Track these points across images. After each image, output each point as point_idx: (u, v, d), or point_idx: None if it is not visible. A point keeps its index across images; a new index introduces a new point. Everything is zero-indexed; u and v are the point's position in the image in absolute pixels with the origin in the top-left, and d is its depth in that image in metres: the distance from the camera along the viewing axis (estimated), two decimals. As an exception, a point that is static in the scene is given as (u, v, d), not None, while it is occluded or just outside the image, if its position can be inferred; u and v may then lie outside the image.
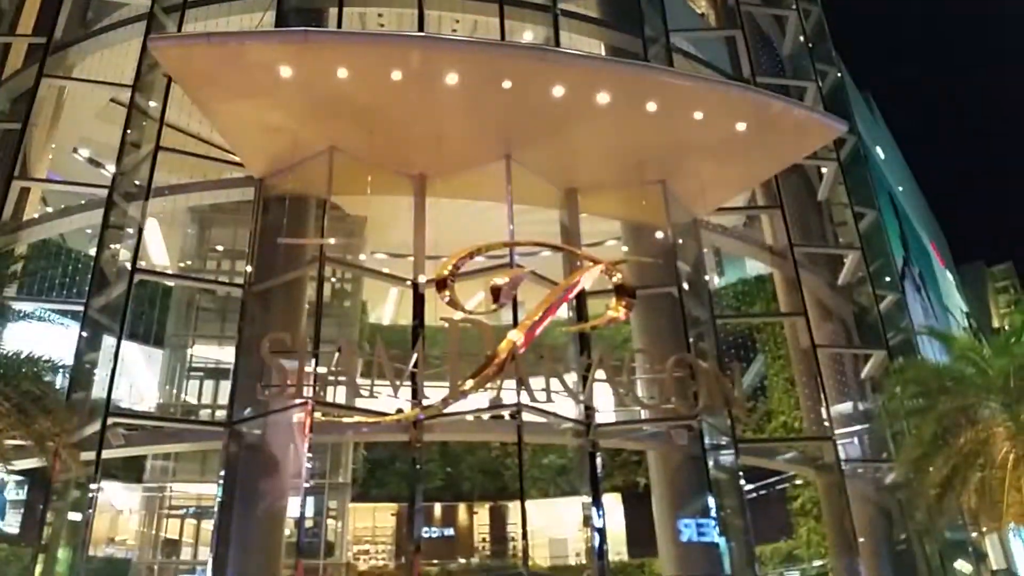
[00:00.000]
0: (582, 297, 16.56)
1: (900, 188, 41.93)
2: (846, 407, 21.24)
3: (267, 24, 18.87)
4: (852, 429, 20.93)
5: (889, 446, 20.14)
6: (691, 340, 17.71)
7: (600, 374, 13.27)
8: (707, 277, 19.80)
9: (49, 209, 20.89)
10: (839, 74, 25.91)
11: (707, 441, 16.89)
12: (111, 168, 18.94)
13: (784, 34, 25.61)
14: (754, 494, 20.88)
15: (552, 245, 16.73)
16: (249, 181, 18.41)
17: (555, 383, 12.70)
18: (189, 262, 22.49)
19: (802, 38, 25.16)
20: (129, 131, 18.55)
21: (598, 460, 16.47)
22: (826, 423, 19.13)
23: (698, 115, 16.00)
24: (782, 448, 19.78)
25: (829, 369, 20.80)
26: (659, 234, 18.44)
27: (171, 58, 15.49)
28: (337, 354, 13.00)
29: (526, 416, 15.52)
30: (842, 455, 18.92)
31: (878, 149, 38.48)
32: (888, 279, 23.79)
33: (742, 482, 17.76)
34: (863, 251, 22.42)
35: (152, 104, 18.97)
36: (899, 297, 23.48)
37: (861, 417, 21.21)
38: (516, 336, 12.58)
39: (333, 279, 21.78)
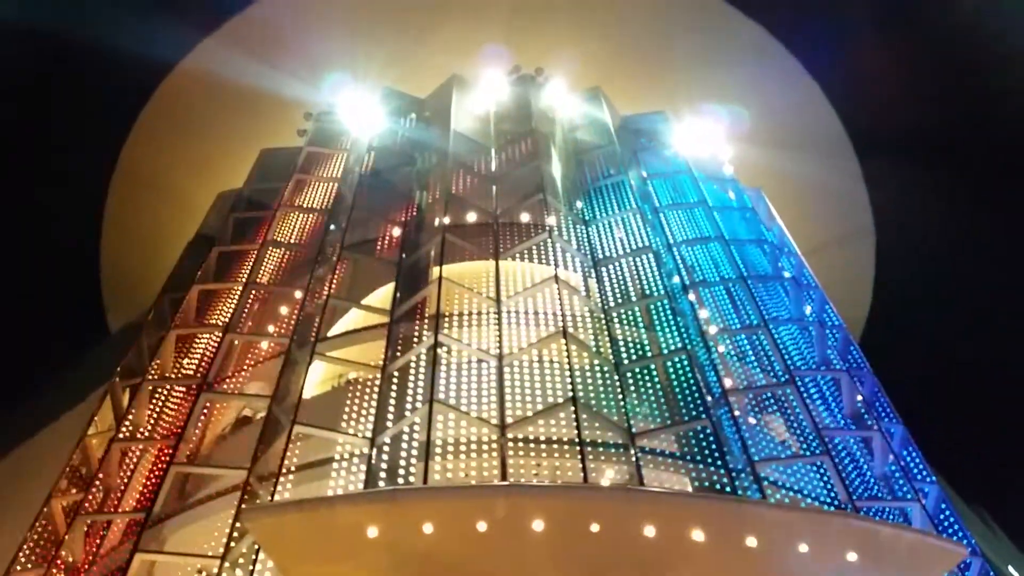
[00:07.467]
0: None
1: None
2: None
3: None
4: None
5: None
6: None
7: None
8: None
9: None
10: (942, 490, 24.67)
11: None
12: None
13: (872, 454, 25.07)
14: None
15: None
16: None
17: None
18: None
19: (891, 456, 24.56)
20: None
21: None
22: None
23: (803, 547, 15.05)
24: None
25: None
26: None
27: (262, 528, 15.75)
28: None
29: None
30: None
31: (1011, 568, 35.01)
32: None
33: None
34: None
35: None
36: None
37: None
38: None
39: None
